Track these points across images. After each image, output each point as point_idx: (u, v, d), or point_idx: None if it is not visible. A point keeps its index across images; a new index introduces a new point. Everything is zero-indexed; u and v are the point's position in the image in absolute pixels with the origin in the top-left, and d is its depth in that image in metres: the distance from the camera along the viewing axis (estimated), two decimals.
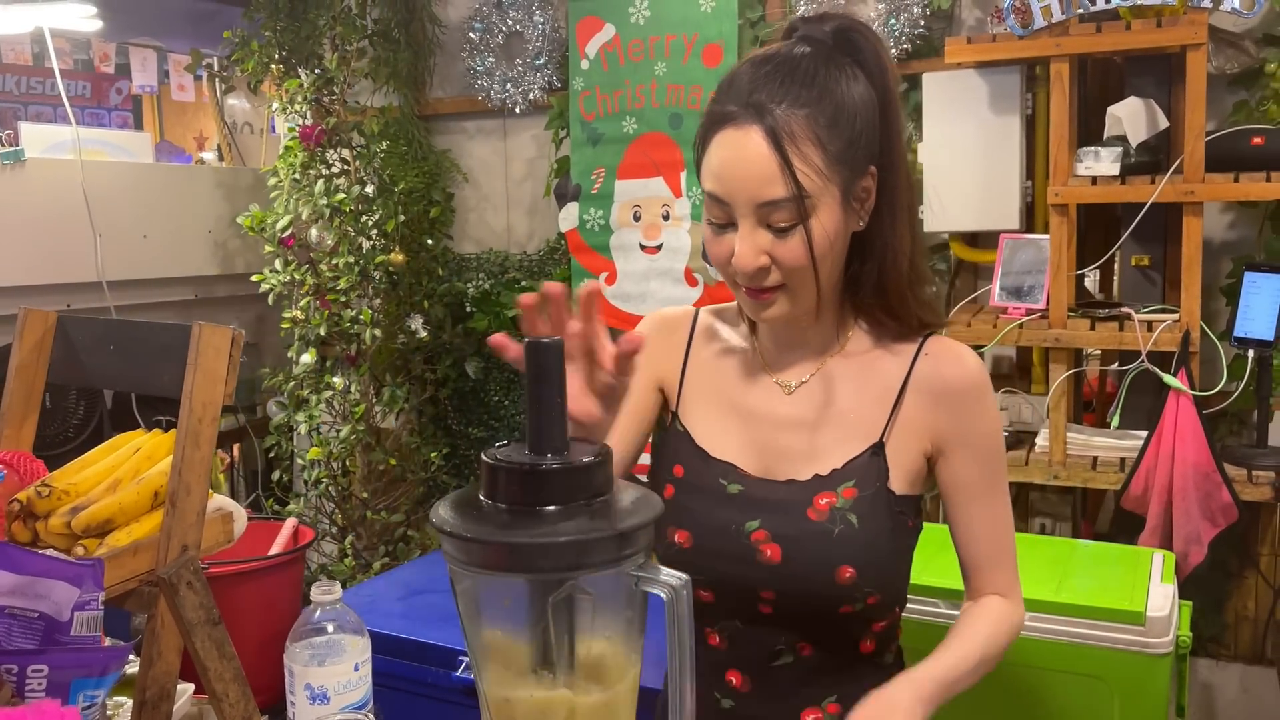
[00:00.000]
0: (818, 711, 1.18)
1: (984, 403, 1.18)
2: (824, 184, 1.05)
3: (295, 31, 3.24)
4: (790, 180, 1.04)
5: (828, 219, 1.07)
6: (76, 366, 1.31)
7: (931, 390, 1.16)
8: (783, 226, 1.06)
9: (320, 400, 3.31)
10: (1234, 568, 2.57)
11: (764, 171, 1.04)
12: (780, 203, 1.04)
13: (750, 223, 1.06)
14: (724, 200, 1.07)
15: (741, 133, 1.05)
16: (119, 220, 3.24)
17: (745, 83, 1.08)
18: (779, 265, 1.08)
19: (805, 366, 1.20)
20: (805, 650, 1.16)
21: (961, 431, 1.16)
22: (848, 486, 1.14)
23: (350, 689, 1.22)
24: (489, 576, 0.79)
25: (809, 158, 1.04)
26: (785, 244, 1.06)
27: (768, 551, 1.13)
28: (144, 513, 1.17)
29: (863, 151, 1.09)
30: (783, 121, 1.04)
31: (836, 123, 1.06)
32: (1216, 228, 2.58)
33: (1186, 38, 2.24)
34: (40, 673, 0.94)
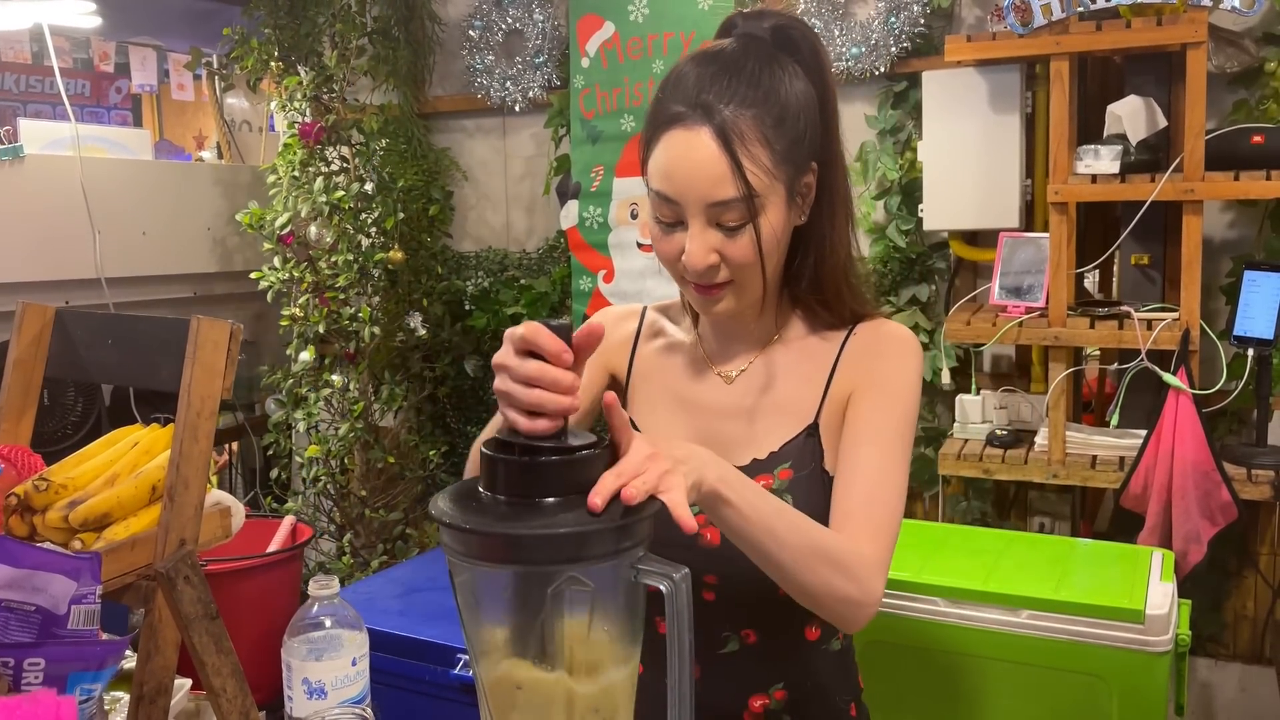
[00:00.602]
0: (765, 698, 1.19)
1: (902, 358, 1.17)
2: (771, 183, 1.07)
3: (295, 29, 3.23)
4: (741, 181, 1.05)
5: (775, 217, 1.09)
6: (74, 361, 1.30)
7: (858, 356, 1.18)
8: (732, 225, 1.07)
9: (319, 398, 3.31)
10: (1233, 567, 2.57)
11: (714, 172, 1.05)
12: (731, 203, 1.06)
13: (700, 222, 1.07)
14: (674, 200, 1.08)
15: (691, 133, 1.06)
16: (118, 217, 3.23)
17: (692, 82, 1.08)
18: (728, 263, 1.09)
19: (745, 356, 1.22)
20: (750, 638, 1.18)
21: (869, 378, 1.16)
22: (784, 468, 1.15)
23: (348, 684, 1.21)
24: (488, 568, 0.79)
25: (757, 158, 1.06)
26: (735, 242, 1.08)
27: (707, 535, 1.15)
28: (142, 507, 1.16)
29: (805, 149, 1.11)
30: (731, 122, 1.05)
31: (782, 122, 1.07)
32: (1216, 226, 2.58)
33: (1187, 36, 2.24)
34: (37, 666, 0.93)
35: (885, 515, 1.09)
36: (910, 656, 1.97)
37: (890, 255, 2.85)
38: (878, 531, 1.07)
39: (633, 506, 0.78)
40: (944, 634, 1.94)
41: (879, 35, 2.77)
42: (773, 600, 1.14)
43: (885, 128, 2.86)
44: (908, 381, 1.16)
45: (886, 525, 1.08)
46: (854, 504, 1.09)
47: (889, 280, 2.86)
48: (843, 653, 1.25)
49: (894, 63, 2.79)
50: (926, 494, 2.89)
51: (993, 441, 2.56)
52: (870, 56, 2.79)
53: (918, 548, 2.13)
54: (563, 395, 0.80)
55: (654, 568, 0.79)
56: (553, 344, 0.81)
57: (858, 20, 2.82)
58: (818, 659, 1.21)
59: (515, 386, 0.81)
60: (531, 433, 0.80)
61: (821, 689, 1.22)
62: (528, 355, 0.82)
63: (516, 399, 0.81)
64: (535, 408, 0.80)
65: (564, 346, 0.81)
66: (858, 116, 2.91)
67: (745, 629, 1.18)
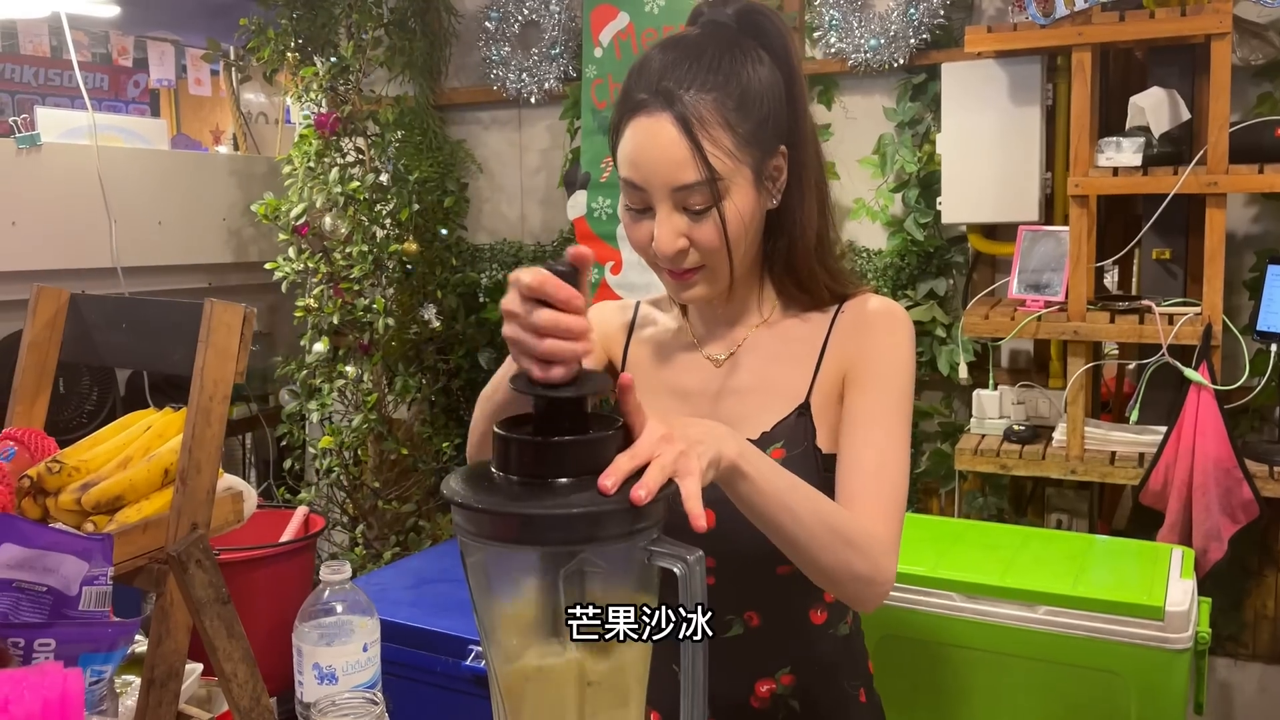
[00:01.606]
0: (771, 682, 1.19)
1: (895, 336, 1.16)
2: (735, 165, 1.08)
3: (311, 20, 3.23)
4: (702, 164, 1.06)
5: (741, 200, 1.09)
6: (88, 344, 1.30)
7: (848, 331, 1.18)
8: (698, 209, 1.08)
9: (332, 389, 3.31)
10: (1254, 565, 2.54)
11: (676, 156, 1.06)
12: (694, 186, 1.07)
13: (667, 207, 1.09)
14: (640, 186, 1.09)
15: (652, 120, 1.07)
16: (134, 206, 3.24)
17: (654, 69, 1.10)
18: (697, 247, 1.10)
19: (732, 339, 1.22)
20: (754, 621, 1.17)
21: (864, 358, 1.15)
22: (776, 448, 1.15)
23: (359, 669, 1.21)
24: (500, 549, 0.78)
25: (719, 140, 1.07)
26: (702, 226, 1.09)
27: None
28: (154, 490, 1.16)
29: (771, 132, 1.11)
30: (691, 107, 1.06)
31: (744, 105, 1.09)
32: (1239, 220, 2.55)
33: (1211, 27, 2.21)
34: (47, 646, 0.93)
35: (892, 494, 1.09)
36: (926, 652, 1.95)
37: (908, 248, 2.83)
38: (887, 511, 1.08)
39: None
40: (960, 629, 1.92)
41: (898, 27, 2.75)
42: (772, 579, 1.14)
43: (904, 120, 2.84)
44: (900, 357, 1.16)
45: (894, 504, 1.09)
46: (860, 485, 1.09)
47: (906, 274, 2.84)
48: (850, 637, 1.24)
49: (913, 54, 2.77)
50: (943, 489, 2.87)
51: (1010, 437, 2.54)
52: (889, 48, 2.77)
53: (934, 543, 2.11)
54: (575, 342, 0.80)
55: (667, 549, 0.77)
56: (562, 291, 0.80)
57: (876, 12, 2.80)
58: (824, 643, 1.20)
59: (526, 336, 0.80)
60: (547, 380, 0.79)
61: (829, 674, 1.21)
62: (537, 303, 0.81)
63: (530, 348, 0.80)
64: (549, 357, 0.79)
65: (573, 292, 0.80)
66: (876, 108, 2.89)
67: (748, 611, 1.18)
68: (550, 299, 0.80)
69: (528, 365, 0.80)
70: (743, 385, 1.20)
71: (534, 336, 0.80)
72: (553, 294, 0.80)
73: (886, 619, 1.91)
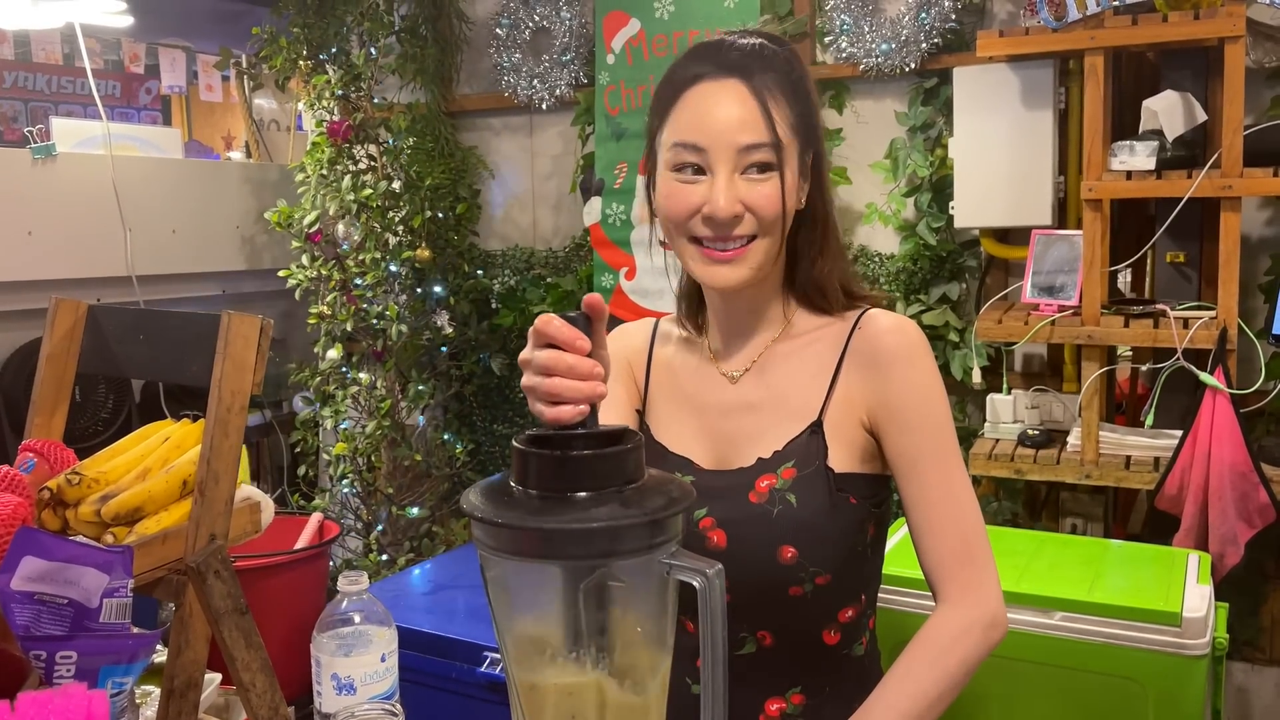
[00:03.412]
0: (781, 701, 1.17)
1: (916, 366, 1.14)
2: (791, 140, 1.11)
3: (323, 28, 3.24)
4: (769, 126, 1.09)
5: (793, 176, 1.12)
6: (106, 356, 1.31)
7: (865, 360, 1.16)
8: (758, 172, 1.10)
9: (346, 395, 3.32)
10: (1271, 570, 2.53)
11: (745, 116, 1.09)
12: (760, 147, 1.09)
13: (727, 170, 1.09)
14: (701, 147, 1.10)
15: (720, 85, 1.10)
16: (149, 215, 3.26)
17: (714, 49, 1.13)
18: (753, 212, 1.10)
19: (748, 354, 1.22)
20: (767, 640, 1.16)
21: (892, 398, 1.14)
22: (787, 467, 1.14)
23: (377, 680, 1.21)
24: (520, 563, 0.78)
25: (782, 112, 1.11)
26: (761, 189, 1.10)
27: (714, 538, 1.14)
28: (173, 501, 1.17)
29: (811, 128, 1.15)
30: (760, 76, 1.10)
31: (797, 92, 1.13)
32: (1254, 224, 2.54)
33: (1224, 30, 2.20)
34: (69, 659, 0.94)
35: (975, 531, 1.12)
36: None
37: (921, 253, 2.83)
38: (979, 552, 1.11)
39: (666, 501, 0.77)
40: None
41: (909, 31, 2.75)
42: (785, 602, 1.13)
43: (915, 124, 2.83)
44: (930, 385, 1.14)
45: (979, 539, 1.12)
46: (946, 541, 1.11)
47: (919, 278, 2.84)
48: (864, 658, 1.22)
49: (925, 59, 2.76)
50: None
51: (1024, 441, 2.53)
52: (900, 53, 2.76)
53: None
54: (582, 380, 0.80)
55: (687, 563, 0.77)
56: (563, 332, 0.81)
57: (888, 16, 2.80)
58: (837, 664, 1.19)
59: (536, 378, 0.82)
60: (556, 421, 0.79)
61: (841, 696, 1.18)
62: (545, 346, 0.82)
63: (537, 390, 0.81)
64: (554, 396, 0.80)
65: (577, 334, 0.81)
66: (888, 113, 2.88)
67: (761, 630, 1.16)
68: (553, 339, 0.81)
69: (538, 409, 0.81)
70: (756, 402, 1.19)
71: (541, 378, 0.81)
72: (555, 334, 0.81)
73: (901, 626, 1.90)
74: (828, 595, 1.14)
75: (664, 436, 1.23)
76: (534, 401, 0.82)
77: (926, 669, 1.08)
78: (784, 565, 1.11)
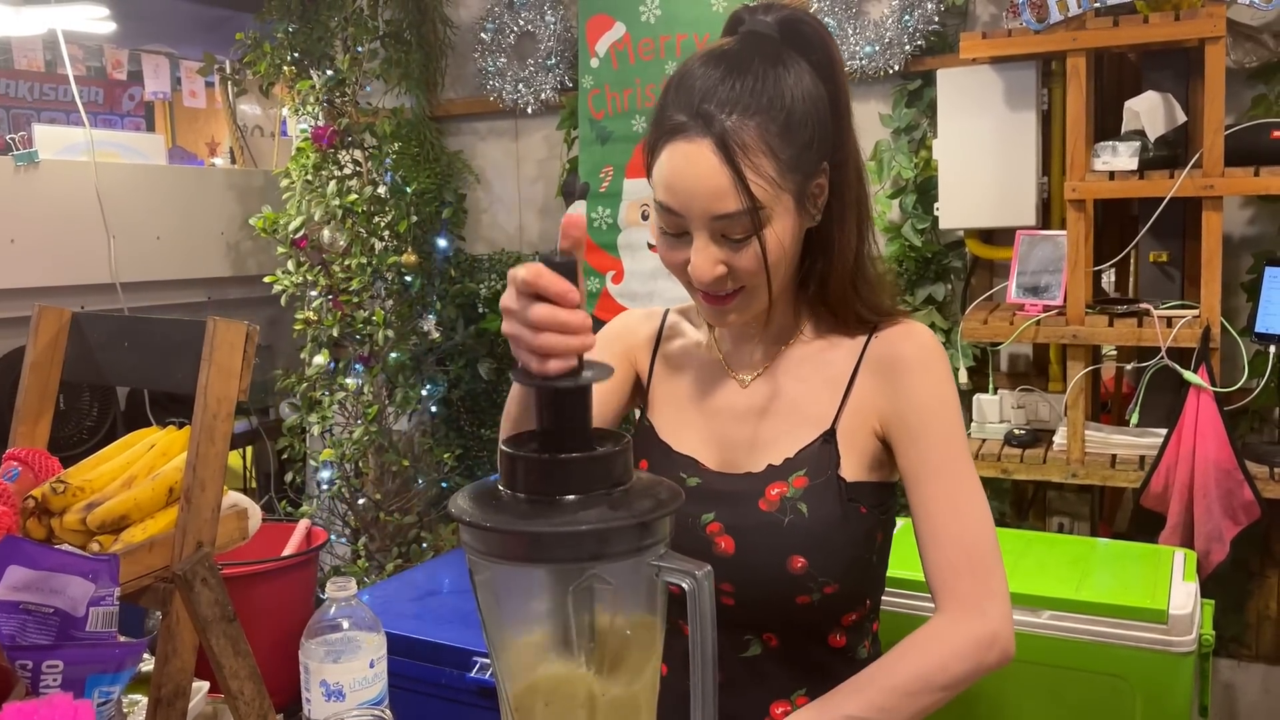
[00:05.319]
0: (787, 704, 1.16)
1: (932, 375, 1.13)
2: (777, 193, 1.04)
3: (307, 33, 3.24)
4: (744, 193, 1.02)
5: (782, 226, 1.06)
6: (91, 364, 1.30)
7: (880, 367, 1.14)
8: (738, 238, 1.04)
9: (333, 401, 3.31)
10: (1255, 567, 2.54)
11: (717, 186, 1.02)
12: (734, 216, 1.03)
13: (705, 235, 1.05)
14: (677, 213, 1.05)
15: (692, 145, 1.03)
16: (132, 222, 3.24)
17: (696, 87, 1.05)
18: (735, 274, 1.07)
19: (761, 360, 1.20)
20: (773, 642, 1.15)
21: (907, 406, 1.12)
22: (798, 475, 1.12)
23: (365, 686, 1.21)
24: (509, 567, 0.78)
25: (761, 168, 1.02)
26: (741, 254, 1.05)
27: (721, 544, 1.13)
28: (159, 509, 1.16)
29: (816, 153, 1.07)
30: (734, 133, 1.02)
31: (788, 129, 1.04)
32: (1236, 223, 2.56)
33: (1205, 31, 2.22)
34: (55, 668, 0.93)
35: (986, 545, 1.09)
36: None
37: (906, 254, 2.84)
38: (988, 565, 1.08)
39: (654, 503, 0.77)
40: None
41: (893, 33, 2.76)
42: (792, 608, 1.12)
43: (900, 126, 2.84)
44: (944, 394, 1.12)
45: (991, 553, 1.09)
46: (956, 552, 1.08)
47: (905, 279, 2.85)
48: (868, 660, 1.20)
49: (908, 61, 2.77)
50: None
51: (1011, 441, 2.54)
52: (884, 55, 2.78)
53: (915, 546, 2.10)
54: (573, 336, 0.78)
55: (676, 565, 0.77)
56: (556, 285, 0.79)
57: (871, 18, 2.81)
58: (842, 666, 1.17)
59: (524, 331, 0.79)
60: (544, 374, 0.78)
61: None
62: (533, 298, 0.79)
63: (526, 343, 0.79)
64: (546, 352, 0.78)
65: (568, 286, 0.79)
66: (872, 115, 2.89)
67: (766, 633, 1.16)
68: (545, 293, 0.79)
69: (526, 360, 0.80)
70: (768, 408, 1.17)
71: (531, 331, 0.79)
72: (547, 288, 0.79)
73: (892, 626, 1.90)
74: (835, 602, 1.13)
75: (669, 436, 1.21)
76: (520, 351, 0.80)
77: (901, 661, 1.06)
78: (793, 575, 1.10)
